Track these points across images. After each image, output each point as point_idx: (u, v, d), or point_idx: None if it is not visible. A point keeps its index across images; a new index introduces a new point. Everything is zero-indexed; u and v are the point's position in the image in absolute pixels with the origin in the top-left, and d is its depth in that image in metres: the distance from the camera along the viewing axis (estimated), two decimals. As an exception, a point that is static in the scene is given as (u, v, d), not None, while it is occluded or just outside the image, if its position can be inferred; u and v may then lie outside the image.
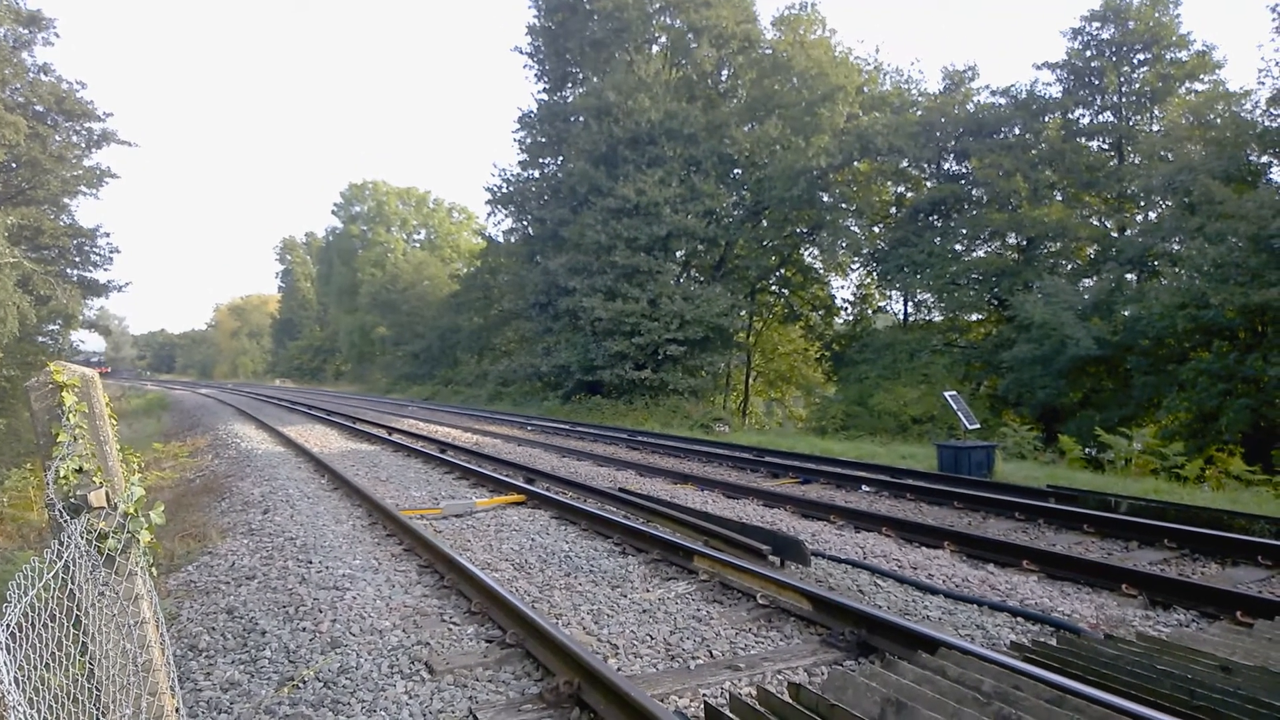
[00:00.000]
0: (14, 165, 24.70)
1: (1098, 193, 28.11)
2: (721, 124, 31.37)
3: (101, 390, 3.02)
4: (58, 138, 26.66)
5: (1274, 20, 21.04)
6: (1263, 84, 23.82)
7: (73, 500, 2.70)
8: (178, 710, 3.04)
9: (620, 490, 10.37)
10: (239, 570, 7.05)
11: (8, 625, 2.04)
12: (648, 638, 5.19)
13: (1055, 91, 28.78)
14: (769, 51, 32.83)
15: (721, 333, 30.23)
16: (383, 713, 4.12)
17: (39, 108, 25.85)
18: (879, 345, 29.55)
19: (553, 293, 32.81)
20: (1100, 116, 28.56)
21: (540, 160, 37.68)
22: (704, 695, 4.25)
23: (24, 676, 2.07)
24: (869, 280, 34.58)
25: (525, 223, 38.42)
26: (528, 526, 8.64)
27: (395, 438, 18.22)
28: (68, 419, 2.79)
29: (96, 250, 29.76)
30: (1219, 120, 23.87)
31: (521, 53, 37.62)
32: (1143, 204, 27.63)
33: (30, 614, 2.23)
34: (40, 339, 25.82)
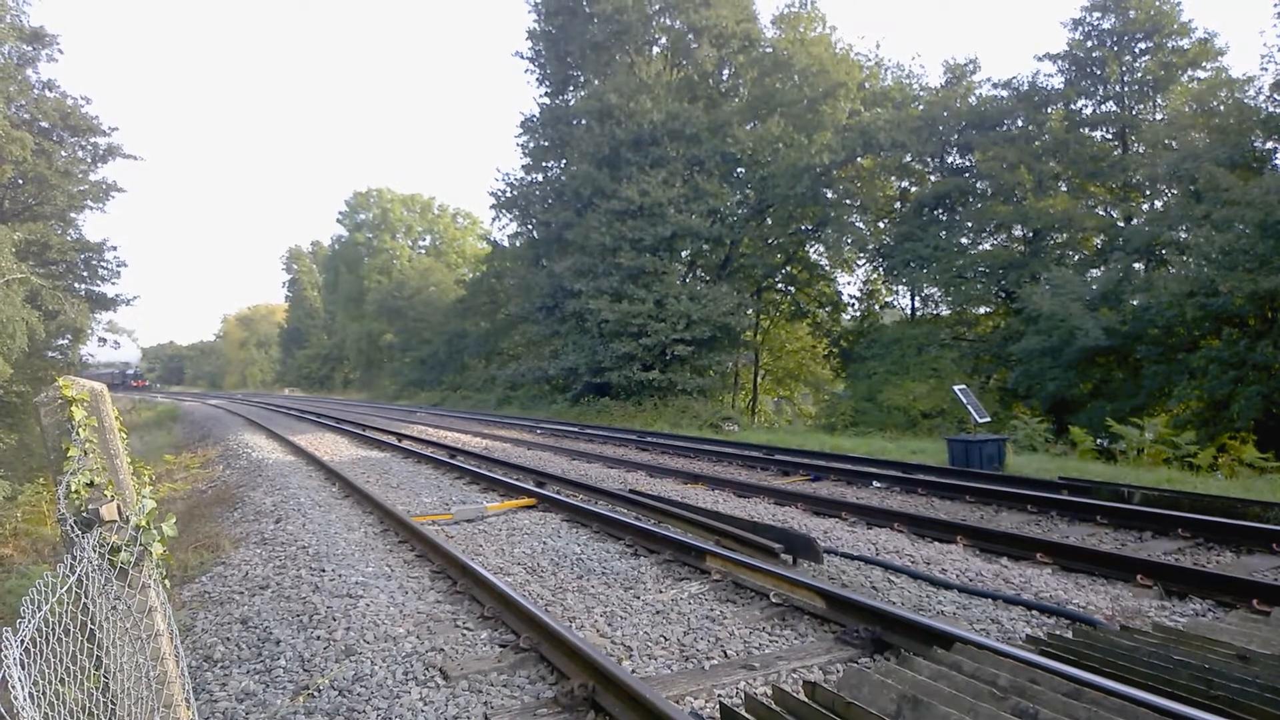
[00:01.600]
0: (20, 181, 24.82)
1: (1103, 183, 28.02)
2: (724, 123, 31.35)
3: (111, 404, 3.03)
4: (63, 153, 26.74)
5: (1276, 6, 20.96)
6: (1265, 70, 23.76)
7: (84, 514, 2.70)
8: (194, 721, 3.05)
9: (631, 492, 10.36)
10: (252, 580, 7.07)
11: (22, 640, 2.05)
12: (661, 639, 5.19)
13: (1057, 82, 28.71)
14: (769, 50, 32.80)
15: (728, 332, 30.20)
16: None
17: (44, 124, 25.94)
18: (887, 341, 29.49)
19: (559, 295, 32.83)
20: (1103, 106, 28.49)
21: (543, 164, 37.69)
22: (719, 696, 4.24)
23: (39, 691, 2.07)
24: (875, 276, 34.54)
25: (530, 226, 38.44)
26: (539, 530, 8.64)
27: (405, 444, 18.25)
28: (77, 433, 2.80)
29: (104, 264, 29.85)
30: (1222, 107, 23.77)
31: (522, 57, 37.66)
32: (1148, 193, 27.53)
33: (45, 628, 2.24)
34: (50, 354, 25.92)
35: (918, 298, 31.83)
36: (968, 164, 29.51)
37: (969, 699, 3.52)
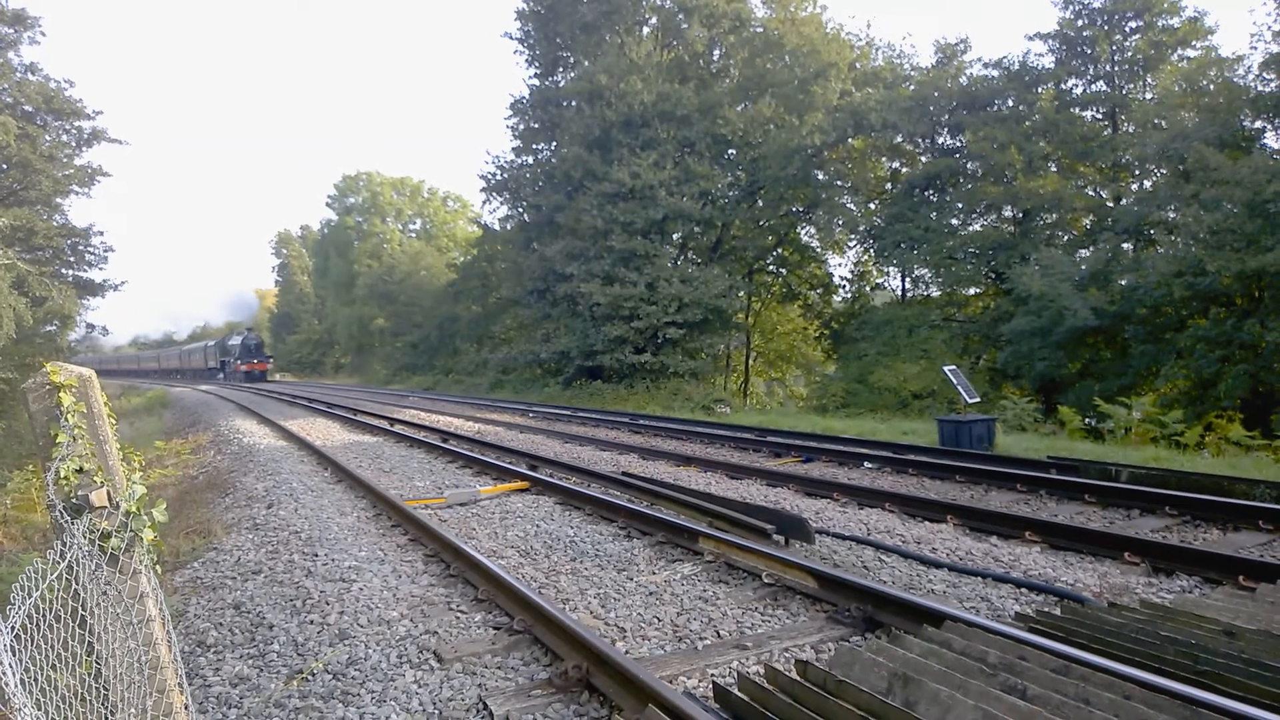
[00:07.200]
0: (4, 166, 24.56)
1: (1092, 163, 28.00)
2: (714, 104, 31.20)
3: (100, 390, 3.01)
4: (47, 137, 26.45)
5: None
6: (1255, 49, 23.73)
7: (74, 500, 2.69)
8: (186, 707, 3.06)
9: (623, 474, 10.38)
10: (245, 565, 7.07)
11: (13, 627, 2.05)
12: (655, 620, 5.21)
13: (1048, 62, 28.59)
14: (760, 30, 32.61)
15: (720, 314, 30.20)
16: (393, 703, 4.13)
17: (27, 107, 25.63)
18: (878, 322, 29.53)
19: (550, 279, 32.75)
20: (1093, 86, 28.40)
21: (534, 146, 37.48)
22: (712, 675, 4.27)
23: (30, 678, 2.07)
24: (866, 257, 34.55)
25: (521, 209, 38.25)
26: (532, 513, 8.66)
27: (397, 428, 18.22)
28: (66, 419, 2.78)
29: (91, 250, 29.60)
30: (1212, 86, 23.71)
31: (512, 38, 37.38)
32: (1137, 173, 27.53)
33: (35, 615, 2.23)
34: (38, 340, 25.74)
35: (908, 279, 31.85)
36: (958, 144, 29.44)
37: (959, 676, 3.55)
